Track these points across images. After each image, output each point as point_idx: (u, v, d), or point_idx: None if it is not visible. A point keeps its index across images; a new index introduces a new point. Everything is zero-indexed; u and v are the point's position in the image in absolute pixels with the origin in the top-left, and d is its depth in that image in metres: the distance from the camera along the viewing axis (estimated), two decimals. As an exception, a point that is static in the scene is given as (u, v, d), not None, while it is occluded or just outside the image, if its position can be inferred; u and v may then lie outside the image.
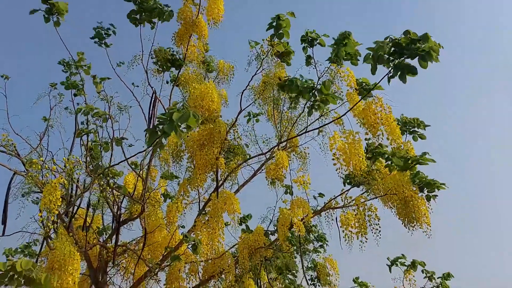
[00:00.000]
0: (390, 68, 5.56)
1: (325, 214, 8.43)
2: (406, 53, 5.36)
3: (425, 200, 6.84)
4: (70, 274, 5.89)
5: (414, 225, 6.83)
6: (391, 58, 5.47)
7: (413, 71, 5.41)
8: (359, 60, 6.87)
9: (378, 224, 7.12)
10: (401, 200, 6.89)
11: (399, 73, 5.50)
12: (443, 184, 6.92)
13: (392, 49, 5.42)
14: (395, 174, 7.05)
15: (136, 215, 7.62)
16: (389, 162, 7.79)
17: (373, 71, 5.69)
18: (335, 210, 8.28)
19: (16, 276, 4.76)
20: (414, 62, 5.39)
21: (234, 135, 7.34)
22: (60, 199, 5.15)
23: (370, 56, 5.62)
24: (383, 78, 5.98)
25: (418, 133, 7.83)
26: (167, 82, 8.85)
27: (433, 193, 6.88)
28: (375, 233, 7.08)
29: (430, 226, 6.66)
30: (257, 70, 7.60)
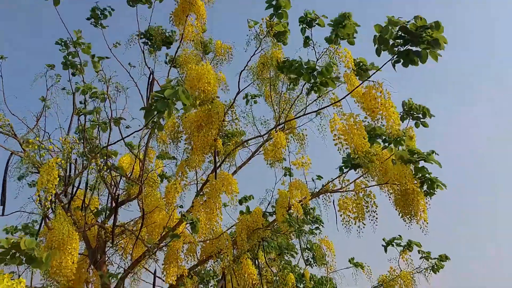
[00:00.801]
0: (394, 54, 5.47)
1: (323, 196, 8.48)
2: (413, 40, 5.24)
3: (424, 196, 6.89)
4: (69, 253, 5.93)
5: (411, 218, 6.88)
6: (396, 43, 5.37)
7: (421, 59, 5.29)
8: (355, 38, 6.78)
9: (376, 211, 7.16)
10: (401, 192, 6.92)
11: (403, 59, 5.41)
12: (444, 185, 6.94)
13: (399, 33, 5.30)
14: (399, 165, 7.04)
15: (134, 196, 7.64)
16: (387, 145, 7.80)
17: (378, 53, 5.59)
18: (333, 193, 8.34)
19: (17, 254, 4.80)
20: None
21: (232, 116, 7.32)
22: (57, 179, 5.14)
23: (377, 38, 5.50)
24: (386, 63, 5.92)
25: (422, 120, 7.78)
26: (165, 62, 8.77)
27: (431, 190, 6.93)
28: (372, 219, 7.14)
29: (427, 222, 6.69)
30: (255, 50, 7.52)
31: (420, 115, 7.71)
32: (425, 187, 6.85)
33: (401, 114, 7.65)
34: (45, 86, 7.58)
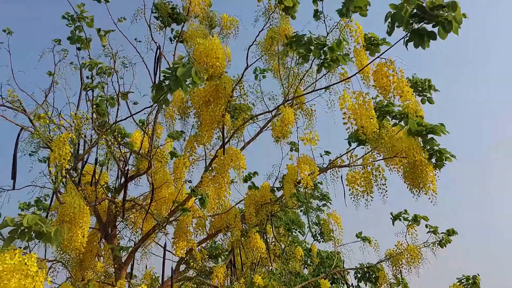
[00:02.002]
0: (407, 32, 5.35)
1: (331, 172, 8.50)
2: (427, 18, 5.12)
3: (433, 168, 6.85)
4: (80, 227, 6.03)
5: (420, 190, 6.87)
6: (410, 20, 5.24)
7: (432, 38, 5.18)
8: (368, 9, 6.63)
9: (385, 184, 7.17)
10: (409, 164, 6.89)
11: (417, 37, 5.28)
12: (453, 156, 6.90)
13: (415, 11, 5.18)
14: (407, 138, 6.99)
15: (143, 171, 7.70)
16: (397, 122, 7.72)
17: (390, 32, 5.47)
18: (341, 168, 8.34)
19: (26, 231, 4.89)
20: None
21: (240, 92, 7.27)
22: (70, 154, 5.18)
23: (390, 15, 5.38)
24: (398, 41, 5.79)
25: (427, 96, 7.68)
26: (170, 40, 8.67)
27: (440, 162, 6.89)
28: (381, 192, 7.15)
29: (436, 193, 6.68)
30: (264, 25, 7.40)
31: (426, 90, 7.63)
32: (433, 159, 6.81)
33: None
34: (53, 62, 7.56)
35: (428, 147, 6.95)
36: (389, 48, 6.54)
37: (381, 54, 6.43)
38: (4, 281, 4.18)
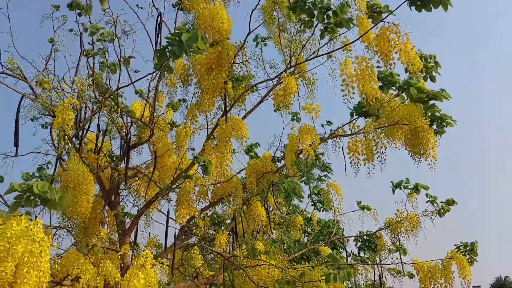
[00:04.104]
0: None
1: (332, 142, 8.51)
2: None
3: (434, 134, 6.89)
4: (84, 193, 6.10)
5: (420, 157, 6.93)
6: None
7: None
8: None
9: (385, 153, 7.23)
10: (411, 131, 6.93)
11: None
12: (454, 121, 6.91)
13: None
14: (408, 104, 7.00)
15: (145, 139, 7.72)
16: (399, 92, 7.69)
17: None
18: (342, 138, 8.36)
19: (32, 197, 4.95)
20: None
21: (242, 58, 7.20)
22: (73, 120, 5.18)
23: None
24: (402, 4, 5.72)
25: (430, 74, 7.60)
26: (173, 5, 8.52)
27: (441, 128, 6.92)
28: (381, 161, 7.20)
29: (435, 160, 6.74)
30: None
31: (432, 68, 7.54)
32: (434, 125, 6.85)
33: None
34: (52, 29, 7.45)
35: (430, 113, 6.97)
36: (390, 13, 6.49)
37: (384, 18, 6.36)
38: (13, 246, 4.26)
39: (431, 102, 7.03)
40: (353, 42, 6.90)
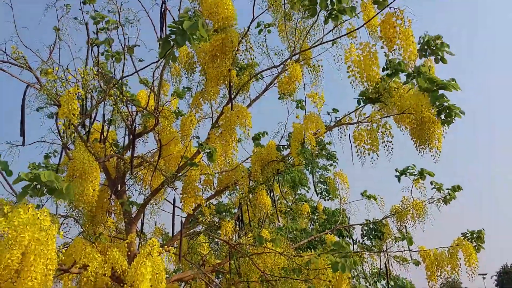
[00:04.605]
0: None
1: (338, 130, 8.46)
2: None
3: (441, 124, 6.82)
4: (90, 181, 6.12)
5: (425, 148, 6.87)
6: None
7: None
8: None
9: (391, 141, 7.16)
10: (417, 121, 6.86)
11: None
12: (462, 112, 6.83)
13: None
14: (416, 94, 6.93)
15: (150, 128, 7.73)
16: (409, 80, 7.60)
17: None
18: (348, 126, 8.30)
19: (39, 187, 4.98)
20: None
21: (246, 46, 7.14)
22: (79, 109, 5.18)
23: None
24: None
25: (439, 55, 7.49)
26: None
27: (449, 118, 6.84)
28: (387, 150, 7.15)
29: (440, 151, 6.69)
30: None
31: (438, 48, 7.42)
32: (442, 115, 6.78)
33: (419, 48, 7.37)
34: (56, 18, 7.41)
35: (438, 103, 6.90)
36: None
37: (390, 4, 6.28)
38: (20, 234, 4.29)
39: (440, 91, 6.95)
40: (358, 28, 6.85)
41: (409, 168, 8.56)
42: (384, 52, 7.28)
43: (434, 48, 7.52)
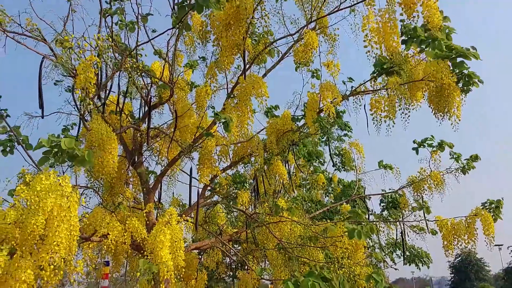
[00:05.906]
0: None
1: (353, 99, 8.35)
2: None
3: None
4: (109, 152, 6.16)
5: (444, 115, 6.74)
6: None
7: None
8: None
9: (409, 109, 7.04)
10: (436, 88, 6.71)
11: None
12: (481, 81, 6.66)
13: None
14: (435, 61, 6.75)
15: (166, 99, 7.72)
16: (423, 47, 7.41)
17: None
18: (364, 95, 8.18)
19: (60, 153, 5.04)
20: None
21: (261, 13, 7.00)
22: (95, 78, 5.17)
23: None
24: None
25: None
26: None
27: (467, 87, 6.68)
28: (404, 118, 7.04)
29: (459, 119, 6.56)
30: None
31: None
32: (460, 84, 6.62)
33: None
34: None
35: (457, 71, 6.72)
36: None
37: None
38: (42, 200, 4.33)
39: (459, 59, 6.76)
40: (374, -6, 6.62)
41: (428, 139, 8.44)
42: (402, 19, 7.10)
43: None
